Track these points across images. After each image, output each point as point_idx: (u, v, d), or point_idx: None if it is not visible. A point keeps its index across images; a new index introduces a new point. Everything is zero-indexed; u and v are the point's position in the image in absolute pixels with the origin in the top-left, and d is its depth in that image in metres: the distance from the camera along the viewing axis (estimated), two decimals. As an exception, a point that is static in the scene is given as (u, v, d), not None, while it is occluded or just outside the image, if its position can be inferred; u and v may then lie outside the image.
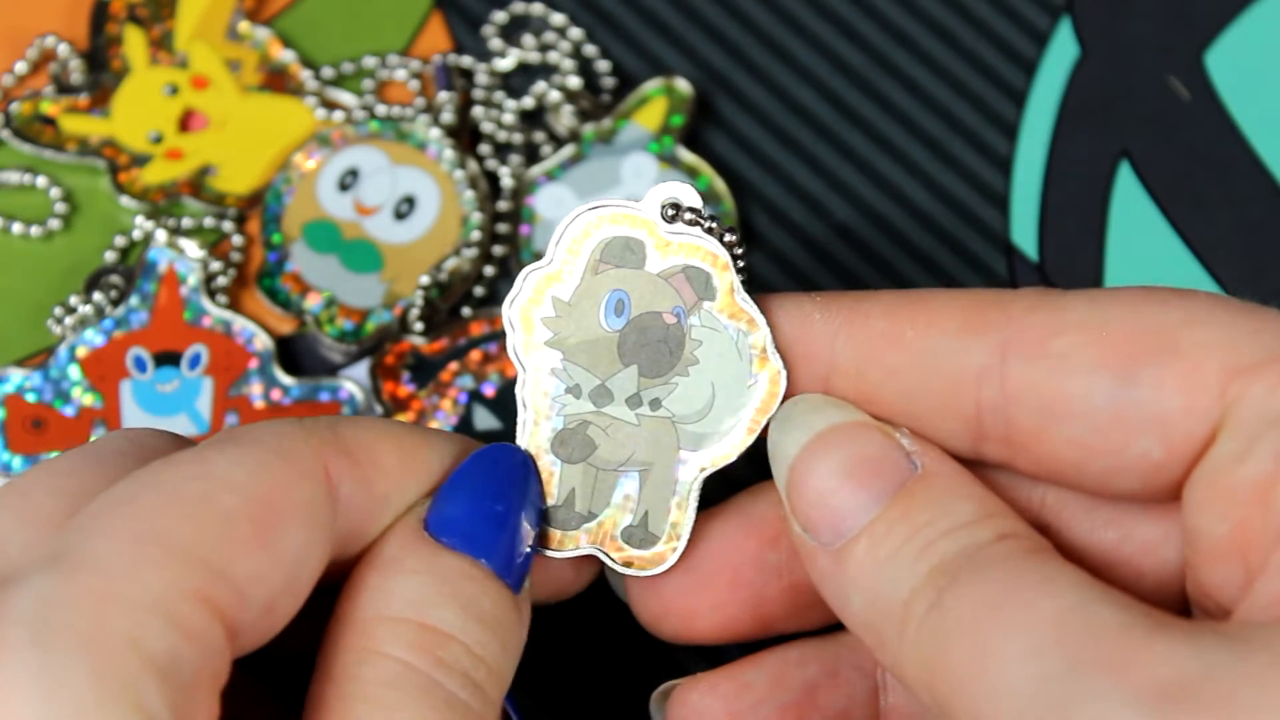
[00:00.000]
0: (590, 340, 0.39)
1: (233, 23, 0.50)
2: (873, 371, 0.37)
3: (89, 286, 0.47)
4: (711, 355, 0.39)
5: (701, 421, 0.39)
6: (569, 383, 0.39)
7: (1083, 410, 0.35)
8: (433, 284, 0.47)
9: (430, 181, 0.48)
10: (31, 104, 0.48)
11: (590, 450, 0.39)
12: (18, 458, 0.45)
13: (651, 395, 0.39)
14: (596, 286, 0.39)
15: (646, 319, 0.39)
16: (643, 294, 0.39)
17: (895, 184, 0.49)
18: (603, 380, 0.39)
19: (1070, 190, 0.49)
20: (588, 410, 0.39)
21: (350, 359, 0.47)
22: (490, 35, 0.50)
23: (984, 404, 0.37)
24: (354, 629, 0.35)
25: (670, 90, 0.49)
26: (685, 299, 0.39)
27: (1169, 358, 0.35)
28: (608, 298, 0.39)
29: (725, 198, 0.48)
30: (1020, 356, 0.36)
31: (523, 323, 0.39)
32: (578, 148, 0.49)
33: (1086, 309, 0.36)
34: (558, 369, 0.39)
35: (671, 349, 0.39)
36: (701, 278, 0.39)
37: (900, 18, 0.51)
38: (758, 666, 0.40)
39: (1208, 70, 0.50)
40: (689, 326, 0.39)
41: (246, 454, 0.34)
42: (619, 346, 0.39)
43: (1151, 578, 0.38)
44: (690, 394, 0.39)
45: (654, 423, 0.39)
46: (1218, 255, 0.48)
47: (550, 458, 0.39)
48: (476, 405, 0.46)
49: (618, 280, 0.39)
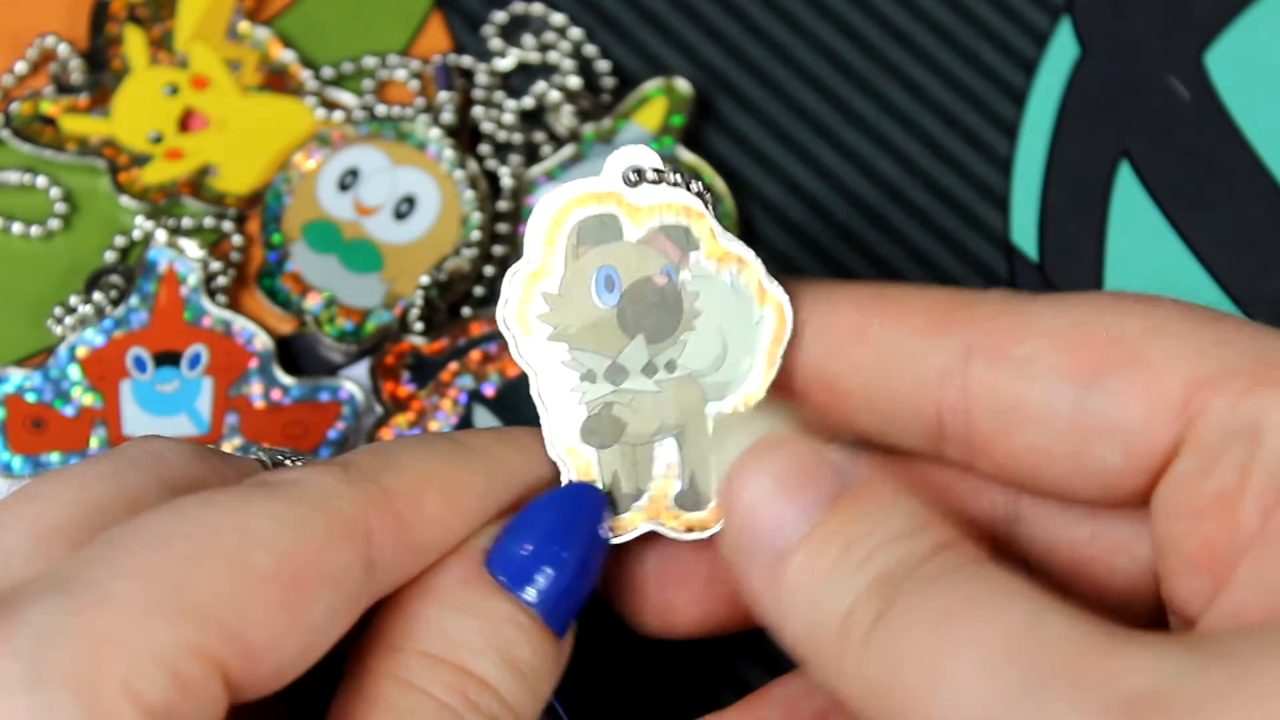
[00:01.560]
0: (590, 323, 0.38)
1: (233, 23, 0.50)
2: (837, 363, 0.37)
3: (89, 286, 0.47)
4: (712, 304, 0.38)
5: (721, 370, 0.39)
6: (581, 370, 0.38)
7: (1042, 416, 0.35)
8: (433, 284, 0.47)
9: (430, 181, 0.48)
10: (31, 104, 0.48)
11: (620, 430, 0.39)
12: (18, 458, 0.45)
13: (665, 358, 0.39)
14: (582, 270, 0.38)
15: (639, 286, 0.39)
16: (629, 264, 0.38)
17: (895, 184, 0.49)
18: (613, 358, 0.38)
19: (1070, 190, 0.49)
20: (607, 391, 0.38)
21: (350, 359, 0.47)
22: (490, 35, 0.50)
23: (945, 405, 0.36)
24: (395, 656, 0.35)
25: (670, 90, 0.49)
26: (671, 256, 0.38)
27: (1132, 367, 0.35)
28: (596, 277, 0.38)
29: (725, 198, 0.48)
30: (983, 359, 0.36)
31: (520, 325, 0.38)
32: (578, 148, 0.49)
33: (1052, 315, 0.36)
34: (566, 360, 0.38)
35: (671, 309, 0.39)
36: (680, 232, 0.38)
37: (900, 18, 0.51)
38: (767, 702, 0.39)
39: (1208, 70, 0.50)
40: (682, 282, 0.39)
41: (287, 509, 0.33)
42: (620, 320, 0.38)
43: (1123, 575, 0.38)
44: (702, 347, 0.39)
45: (675, 385, 0.39)
46: (1218, 255, 0.48)
47: (584, 448, 0.38)
48: (476, 405, 0.46)
49: (601, 258, 0.38)
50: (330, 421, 0.45)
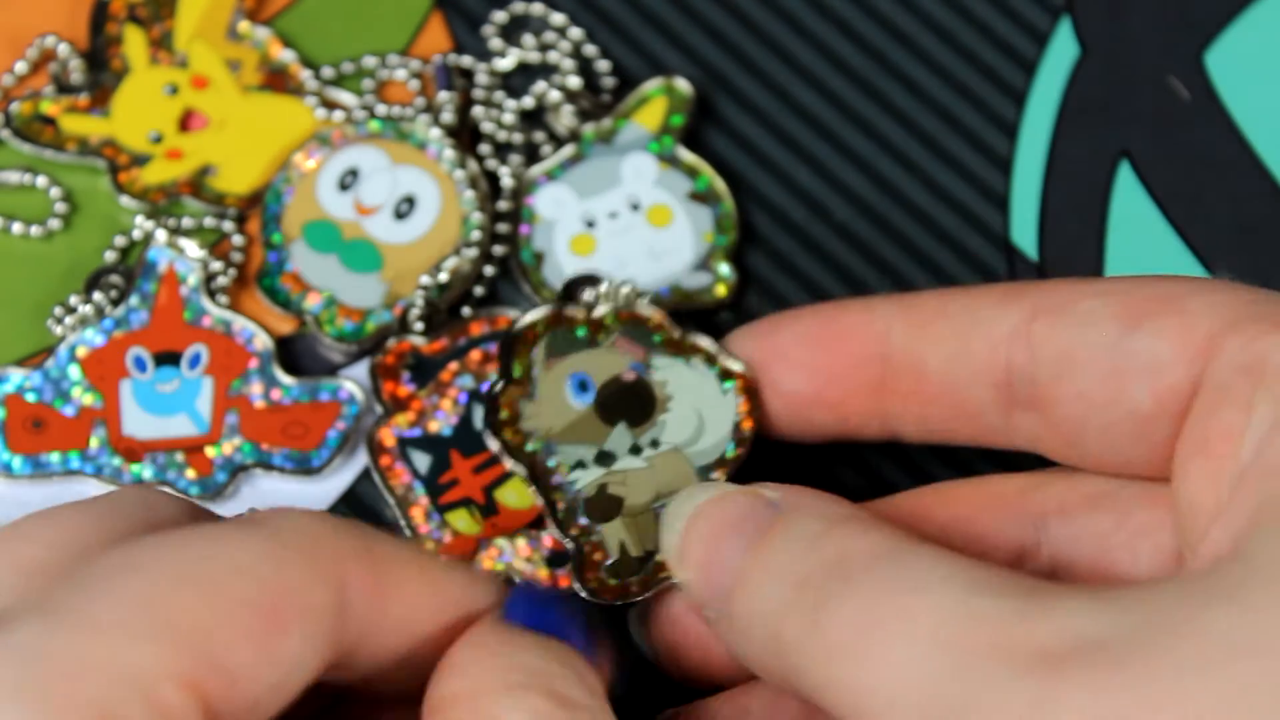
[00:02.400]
0: (572, 422, 0.42)
1: (233, 23, 0.50)
2: (921, 342, 0.39)
3: (89, 286, 0.47)
4: (681, 386, 0.43)
5: (702, 439, 0.43)
6: (571, 462, 0.42)
7: (1089, 358, 0.37)
8: (433, 284, 0.47)
9: (430, 181, 0.48)
10: (31, 104, 0.48)
11: (619, 505, 0.42)
12: (18, 458, 0.45)
13: (648, 438, 0.42)
14: (555, 379, 0.43)
15: (611, 385, 0.43)
16: (598, 367, 0.43)
17: (895, 184, 0.49)
18: (600, 446, 0.42)
19: (1070, 190, 0.49)
20: (599, 474, 0.42)
21: (351, 359, 0.47)
22: (490, 35, 0.50)
23: (1013, 366, 0.38)
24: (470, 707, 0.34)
25: (670, 90, 0.49)
26: (635, 354, 0.43)
27: (1170, 313, 0.36)
28: (569, 383, 0.43)
29: (725, 197, 0.48)
30: (1047, 316, 0.38)
31: (509, 438, 0.42)
32: (578, 147, 0.49)
33: (1113, 280, 0.38)
34: (557, 456, 0.42)
35: (645, 398, 0.43)
36: (638, 332, 0.43)
37: (900, 17, 0.51)
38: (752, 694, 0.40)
39: (1208, 70, 0.50)
40: (650, 374, 0.43)
41: (268, 544, 0.33)
42: (599, 415, 0.43)
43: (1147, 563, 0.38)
44: (679, 424, 0.43)
45: (662, 458, 0.42)
46: (1218, 255, 0.48)
47: (590, 526, 0.42)
48: (476, 405, 0.46)
49: (571, 366, 0.43)
50: (330, 421, 0.45)
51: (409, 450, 0.45)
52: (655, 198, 0.48)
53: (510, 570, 0.44)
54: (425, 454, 0.45)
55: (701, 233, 0.48)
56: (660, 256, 0.48)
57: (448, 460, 0.45)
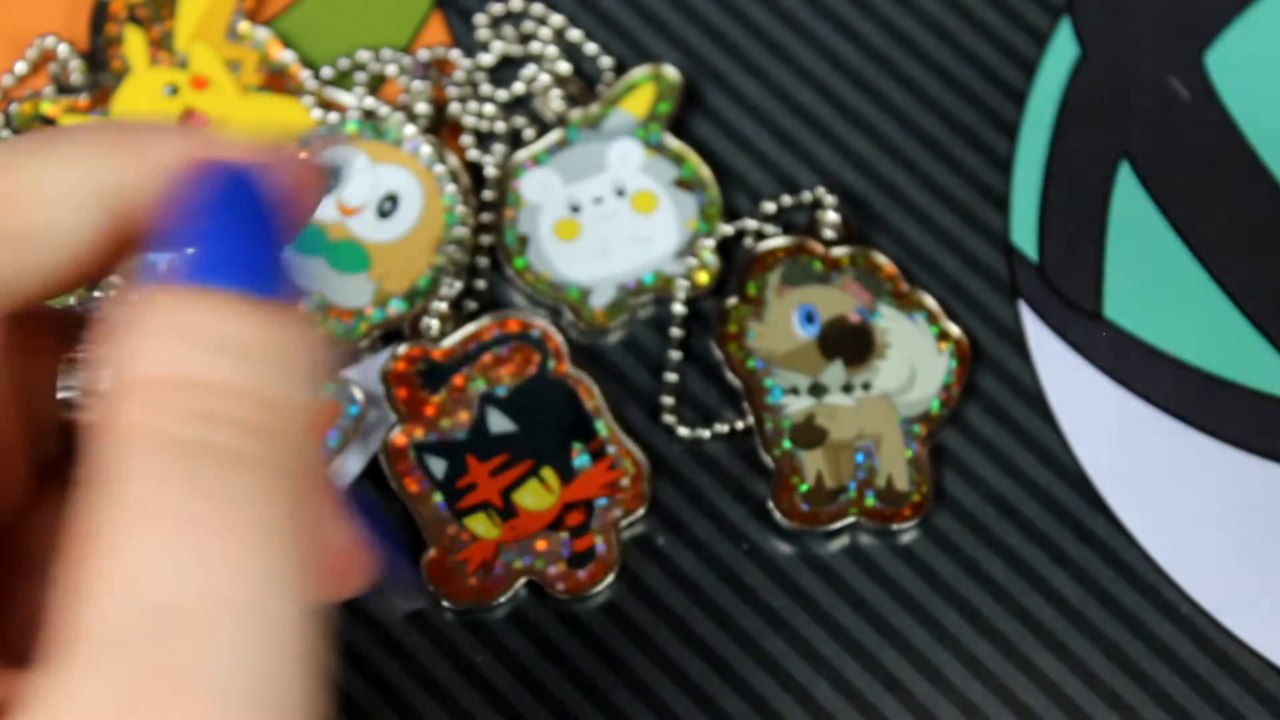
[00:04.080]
0: (794, 349, 0.45)
1: (233, 23, 0.50)
2: None
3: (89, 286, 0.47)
4: (901, 337, 0.46)
5: (911, 391, 0.45)
6: (786, 386, 0.45)
7: None
8: (427, 283, 0.47)
9: (411, 178, 0.48)
10: (31, 104, 0.49)
11: (823, 436, 0.44)
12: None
13: (861, 380, 0.45)
14: (785, 306, 0.46)
15: (837, 322, 0.46)
16: (826, 302, 0.46)
17: (895, 183, 0.49)
18: (815, 377, 0.45)
19: (1070, 190, 0.49)
20: (810, 403, 0.45)
21: (350, 359, 0.47)
22: (480, 25, 0.50)
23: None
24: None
25: (658, 77, 0.49)
26: (862, 299, 0.46)
27: None
28: (797, 312, 0.45)
29: (710, 185, 0.48)
30: None
31: (733, 351, 0.45)
32: (564, 133, 0.49)
33: None
34: (773, 378, 0.45)
35: (865, 341, 0.45)
36: (869, 278, 0.46)
37: (900, 17, 0.51)
38: None
39: (1208, 70, 0.50)
40: (874, 320, 0.46)
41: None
42: (820, 348, 0.45)
43: None
44: (894, 372, 0.45)
45: (871, 401, 0.45)
46: (1218, 255, 0.48)
47: (793, 449, 0.44)
48: (490, 408, 0.46)
49: (802, 297, 0.46)
50: (330, 421, 0.45)
51: (425, 456, 0.45)
52: (641, 184, 0.48)
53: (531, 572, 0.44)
54: (441, 459, 0.45)
55: (685, 220, 0.48)
56: (644, 242, 0.48)
57: (464, 465, 0.45)
